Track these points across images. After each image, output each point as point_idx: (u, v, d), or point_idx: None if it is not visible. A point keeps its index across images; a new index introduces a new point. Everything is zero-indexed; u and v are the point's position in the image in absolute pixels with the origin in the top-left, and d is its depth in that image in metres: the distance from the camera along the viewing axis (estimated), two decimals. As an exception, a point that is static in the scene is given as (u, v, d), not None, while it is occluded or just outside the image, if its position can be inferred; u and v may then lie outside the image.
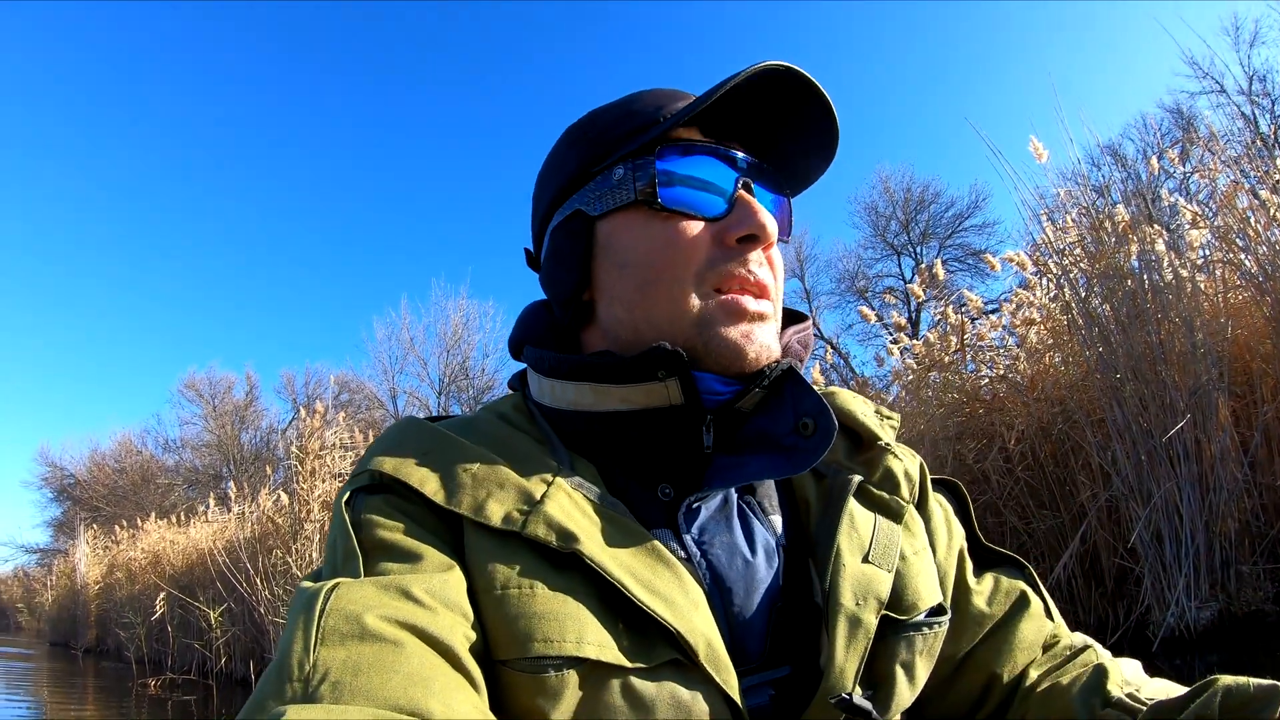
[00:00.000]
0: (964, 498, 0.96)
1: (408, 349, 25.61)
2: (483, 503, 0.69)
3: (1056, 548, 4.30)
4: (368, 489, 0.73)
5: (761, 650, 0.73)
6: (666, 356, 0.73)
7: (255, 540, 8.88)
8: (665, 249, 0.78)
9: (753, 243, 0.78)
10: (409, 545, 0.67)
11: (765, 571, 0.75)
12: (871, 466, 0.84)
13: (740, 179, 0.80)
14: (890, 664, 0.75)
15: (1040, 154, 4.64)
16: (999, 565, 0.92)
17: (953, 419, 5.10)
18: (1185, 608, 3.56)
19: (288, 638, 0.58)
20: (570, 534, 0.67)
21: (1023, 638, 0.85)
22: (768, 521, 0.79)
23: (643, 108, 0.82)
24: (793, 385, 0.79)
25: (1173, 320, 3.91)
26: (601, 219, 0.82)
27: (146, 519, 15.38)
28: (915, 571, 0.79)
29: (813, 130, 0.82)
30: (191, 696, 9.01)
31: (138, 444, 33.25)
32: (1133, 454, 3.84)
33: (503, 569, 0.66)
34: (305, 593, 0.62)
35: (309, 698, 0.53)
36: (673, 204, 0.77)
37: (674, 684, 0.65)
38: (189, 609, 10.08)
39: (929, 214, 27.22)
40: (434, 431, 0.77)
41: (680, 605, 0.66)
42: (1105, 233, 4.30)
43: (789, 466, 0.74)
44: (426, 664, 0.58)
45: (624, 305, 0.80)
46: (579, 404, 0.79)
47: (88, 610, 17.72)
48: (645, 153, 0.79)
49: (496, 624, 0.64)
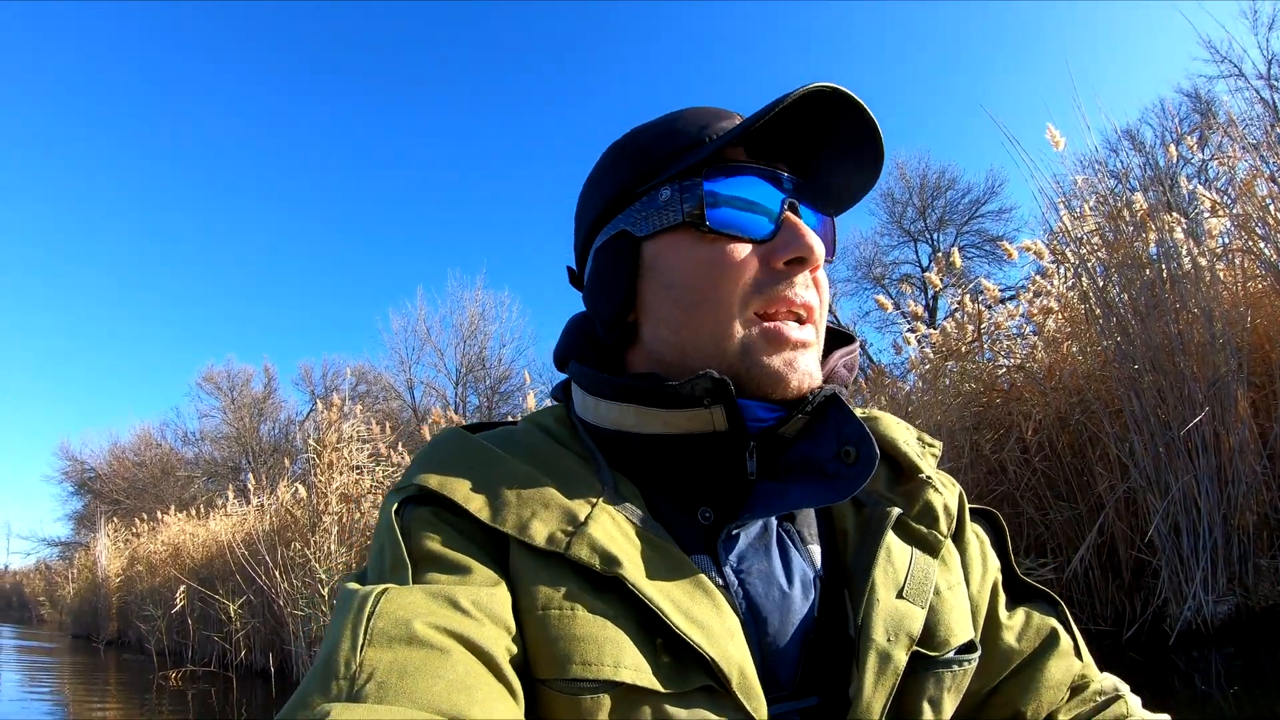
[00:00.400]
0: (1002, 529, 0.95)
1: (424, 340, 25.69)
2: (527, 522, 0.69)
3: (1074, 539, 4.28)
4: (416, 499, 0.73)
5: (792, 679, 0.73)
6: (713, 384, 0.73)
7: (274, 533, 8.93)
8: (712, 271, 0.77)
9: (800, 265, 0.78)
10: (456, 558, 0.68)
11: (801, 603, 0.75)
12: (911, 499, 0.83)
13: (786, 200, 0.80)
14: (918, 700, 0.74)
15: (1057, 142, 4.60)
16: (1032, 600, 0.91)
17: (970, 409, 5.07)
18: (1202, 601, 3.54)
19: (335, 637, 0.59)
20: (613, 558, 0.67)
21: (1050, 676, 0.84)
22: (806, 551, 0.79)
23: (686, 127, 0.82)
24: (836, 411, 0.78)
25: (1191, 310, 3.88)
26: (648, 240, 0.81)
27: (166, 511, 15.49)
28: (949, 607, 0.78)
29: (858, 151, 0.81)
30: (212, 688, 9.09)
31: (157, 437, 33.51)
32: (1150, 446, 3.82)
33: (545, 589, 0.66)
34: (353, 594, 0.62)
35: (354, 696, 0.54)
36: (720, 226, 0.77)
37: (705, 710, 0.65)
38: (209, 601, 10.15)
39: (945, 200, 27.05)
40: (478, 446, 0.78)
41: (716, 633, 0.66)
42: (1123, 221, 4.26)
43: (831, 494, 0.74)
44: (470, 672, 0.58)
45: (669, 327, 0.80)
46: (622, 424, 0.79)
47: (109, 603, 17.85)
48: (693, 174, 0.78)
49: (537, 643, 0.64)
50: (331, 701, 0.54)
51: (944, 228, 26.98)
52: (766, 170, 0.79)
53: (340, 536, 7.86)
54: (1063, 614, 0.90)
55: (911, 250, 27.69)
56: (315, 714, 0.52)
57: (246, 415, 31.58)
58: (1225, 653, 3.42)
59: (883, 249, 27.88)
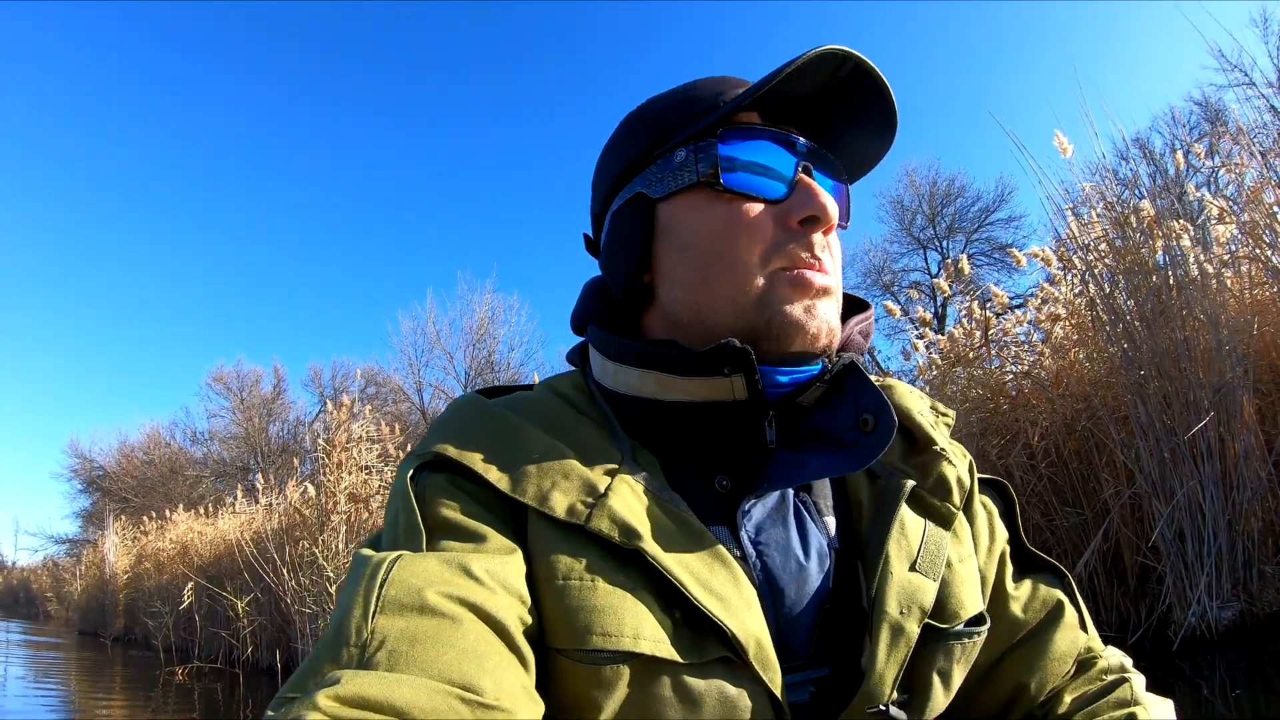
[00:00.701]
0: (1011, 499, 0.96)
1: (434, 342, 25.60)
2: (547, 493, 0.69)
3: (1079, 545, 4.27)
4: (432, 465, 0.73)
5: (806, 650, 0.74)
6: (734, 353, 0.73)
7: (282, 531, 8.93)
8: (728, 231, 0.78)
9: (815, 224, 0.78)
10: (472, 526, 0.68)
11: (816, 574, 0.75)
12: (925, 471, 0.83)
13: (800, 163, 0.80)
14: (928, 671, 0.75)
15: (1065, 148, 4.60)
16: (1039, 571, 0.92)
17: (976, 415, 5.07)
18: (1207, 607, 3.54)
19: (347, 603, 0.59)
20: (633, 530, 0.67)
21: (1055, 649, 0.85)
22: (822, 523, 0.79)
23: (701, 94, 0.83)
24: (854, 380, 0.79)
25: (1197, 316, 3.88)
26: (663, 201, 0.82)
27: (175, 510, 15.51)
28: (960, 579, 0.79)
29: (870, 116, 0.82)
30: (218, 685, 9.11)
31: (166, 436, 33.50)
32: (1156, 451, 3.82)
33: (565, 560, 0.66)
34: (367, 561, 0.63)
35: (365, 664, 0.55)
36: (736, 186, 0.77)
37: (722, 680, 0.66)
38: (216, 599, 10.16)
39: (955, 208, 26.99)
40: (497, 414, 0.78)
41: (734, 605, 0.67)
42: (1130, 227, 4.27)
43: (849, 463, 0.75)
44: (482, 640, 0.59)
45: (685, 287, 0.80)
46: (641, 391, 0.79)
47: (116, 600, 17.86)
48: (708, 135, 0.79)
49: (555, 613, 0.65)
50: (342, 668, 0.54)
51: (953, 235, 26.92)
52: (780, 134, 0.80)
53: (348, 536, 7.88)
54: (1069, 586, 0.91)
55: (921, 258, 27.65)
56: (326, 680, 0.52)
57: (255, 416, 31.55)
58: (1229, 659, 3.42)
59: (892, 256, 27.85)
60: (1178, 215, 4.26)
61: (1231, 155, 4.86)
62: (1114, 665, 0.86)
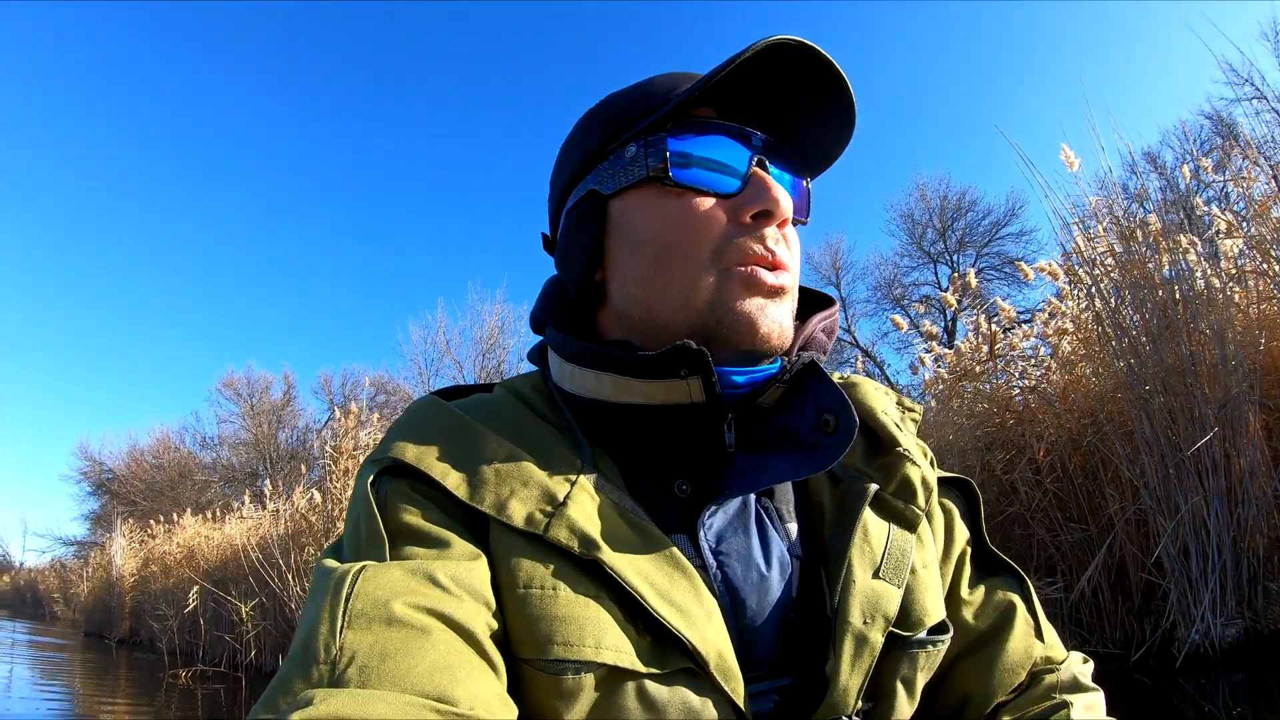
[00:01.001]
0: (975, 498, 0.93)
1: (443, 352, 25.50)
2: (505, 501, 0.68)
3: (1084, 561, 4.25)
4: (392, 471, 0.72)
5: (770, 659, 0.73)
6: (690, 355, 0.72)
7: (288, 537, 8.94)
8: (678, 226, 0.76)
9: (767, 219, 0.77)
10: (435, 532, 0.67)
11: (778, 584, 0.74)
12: (889, 473, 0.81)
13: (754, 157, 0.78)
14: (892, 680, 0.74)
15: (1072, 162, 4.59)
16: (998, 574, 0.90)
17: (982, 429, 5.05)
18: (1211, 624, 3.51)
19: (313, 618, 0.58)
20: (592, 541, 0.66)
21: (1007, 658, 0.83)
22: (784, 529, 0.78)
23: (657, 89, 0.81)
24: (814, 380, 0.78)
25: (1203, 331, 3.86)
26: (614, 197, 0.81)
27: (182, 514, 15.52)
28: (924, 586, 0.78)
29: (828, 108, 0.80)
30: (221, 687, 9.11)
31: (175, 441, 33.54)
32: (1160, 467, 3.79)
33: (526, 568, 0.66)
34: (330, 573, 0.62)
35: (336, 681, 0.54)
36: (685, 180, 0.76)
37: (686, 690, 0.65)
38: (221, 603, 10.16)
39: (965, 222, 26.91)
40: (456, 417, 0.76)
41: (695, 616, 0.66)
42: (1136, 242, 4.25)
43: (811, 465, 0.73)
44: (452, 651, 0.58)
45: (636, 283, 0.79)
46: (598, 393, 0.77)
47: (122, 602, 17.86)
48: (658, 129, 0.77)
49: (518, 622, 0.64)
50: (314, 687, 0.54)
51: (964, 249, 26.84)
52: (734, 128, 0.79)
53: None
54: (1026, 591, 0.89)
55: (931, 272, 27.57)
56: (298, 701, 0.52)
57: (265, 422, 31.58)
58: (1233, 677, 3.38)
59: (903, 270, 27.79)
60: (1185, 229, 4.24)
61: (1241, 169, 4.84)
62: (1065, 681, 0.83)
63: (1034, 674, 0.84)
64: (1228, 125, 11.81)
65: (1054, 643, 0.87)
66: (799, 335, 0.82)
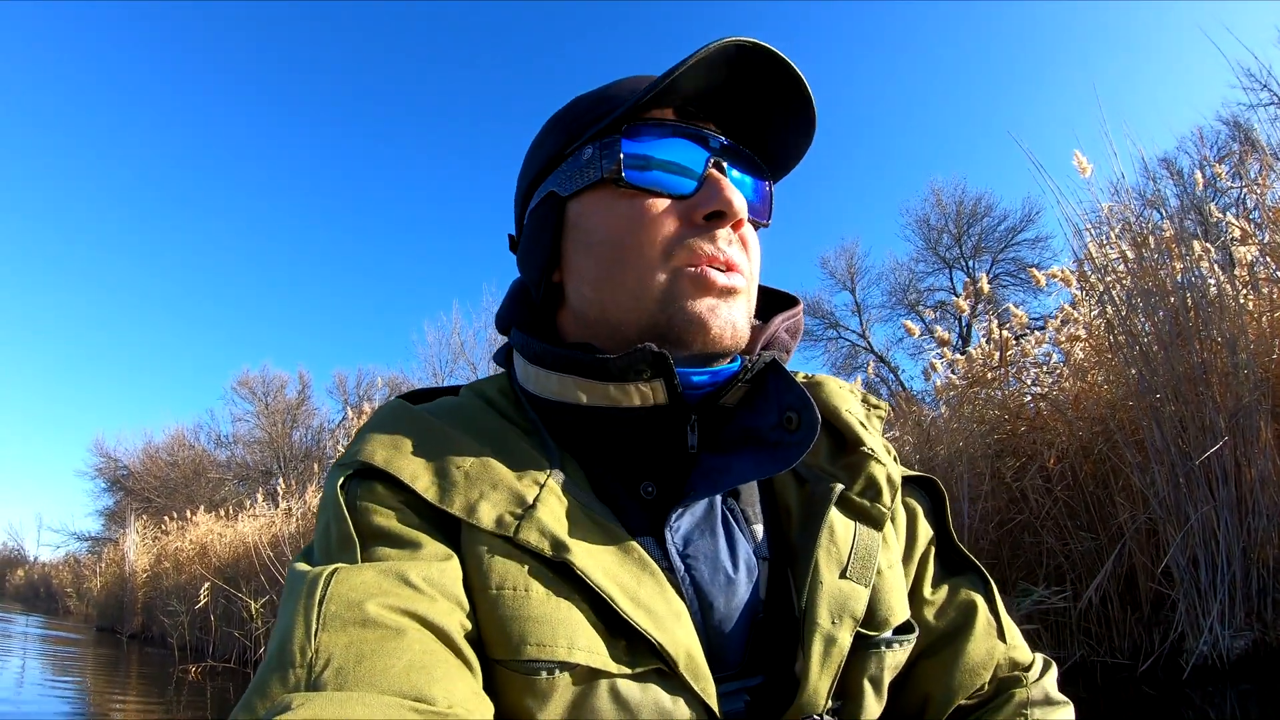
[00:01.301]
0: (940, 497, 0.93)
1: (458, 353, 25.61)
2: (475, 503, 0.69)
3: (1093, 570, 4.20)
4: (361, 474, 0.72)
5: (740, 660, 0.74)
6: (651, 357, 0.73)
7: (300, 535, 9.00)
8: (630, 227, 0.77)
9: (721, 219, 0.77)
10: (406, 533, 0.68)
11: (745, 586, 0.75)
12: (854, 472, 0.82)
13: (711, 158, 0.79)
14: (860, 679, 0.75)
15: (1084, 168, 4.56)
16: (963, 573, 0.90)
17: (993, 435, 5.02)
18: (1219, 635, 3.47)
19: (287, 623, 0.59)
20: (562, 543, 0.67)
21: (967, 659, 0.83)
22: (750, 531, 0.79)
23: (618, 91, 0.82)
24: (776, 378, 0.78)
25: (1215, 339, 3.82)
26: (571, 199, 0.82)
27: (196, 512, 15.62)
28: (889, 586, 0.79)
29: (789, 109, 0.81)
30: (230, 684, 9.16)
31: (190, 438, 33.73)
32: (1170, 476, 3.76)
33: (498, 570, 0.66)
34: (303, 576, 0.62)
35: (313, 685, 0.54)
36: (639, 182, 0.77)
37: (658, 689, 0.66)
38: (232, 599, 10.23)
39: (981, 227, 26.83)
40: (424, 420, 0.77)
41: (663, 617, 0.67)
42: (1148, 248, 4.22)
43: (774, 464, 0.74)
44: (427, 650, 0.59)
45: (591, 284, 0.80)
46: (562, 395, 0.78)
47: (134, 597, 18.01)
48: (613, 131, 0.78)
49: (490, 623, 0.65)
50: (291, 691, 0.54)
51: (979, 255, 26.75)
52: (691, 130, 0.79)
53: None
54: (989, 591, 0.88)
55: (947, 277, 27.50)
56: (277, 705, 0.52)
57: (279, 421, 31.73)
58: (1241, 688, 3.35)
59: (918, 275, 27.77)
60: (1199, 236, 4.21)
61: (1257, 175, 4.80)
62: (1036, 699, 0.83)
63: (1002, 682, 0.84)
64: (1244, 131, 11.72)
65: (1017, 643, 0.87)
66: (761, 335, 0.83)
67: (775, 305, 0.91)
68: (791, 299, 0.92)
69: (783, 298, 0.92)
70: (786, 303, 0.91)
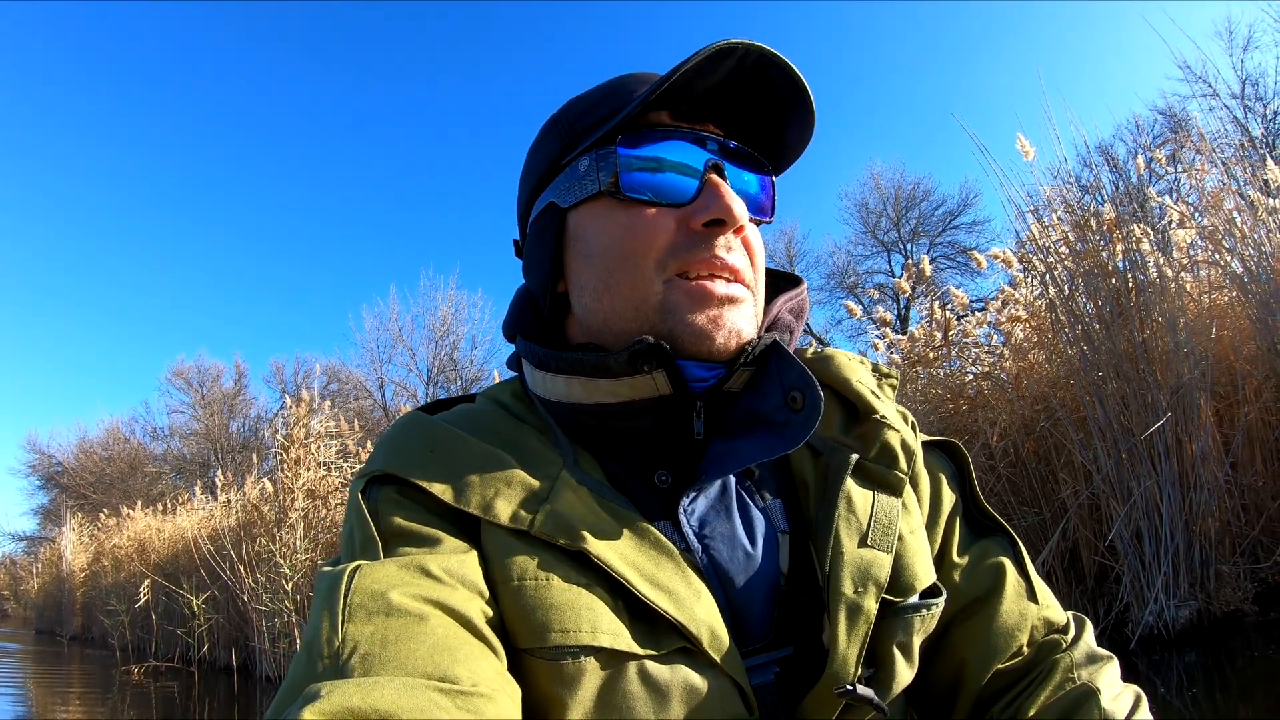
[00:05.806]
0: (963, 460, 0.92)
1: (396, 339, 25.43)
2: (491, 501, 0.70)
3: (1038, 545, 4.30)
4: (381, 480, 0.75)
5: (766, 632, 0.74)
6: (650, 351, 0.73)
7: (240, 529, 8.88)
8: (627, 238, 0.77)
9: (720, 227, 0.77)
10: (426, 531, 0.70)
11: (765, 561, 0.75)
12: (868, 441, 0.81)
13: (710, 161, 0.79)
14: (889, 645, 0.74)
15: (1027, 152, 4.64)
16: (989, 536, 0.89)
17: (936, 414, 5.11)
18: (1164, 606, 3.58)
19: (315, 620, 0.61)
20: (577, 532, 0.68)
21: (1000, 622, 0.81)
22: (766, 508, 0.79)
23: (614, 94, 0.82)
24: (778, 359, 0.79)
25: (1156, 319, 3.93)
26: (571, 210, 0.82)
27: (133, 507, 15.33)
28: (912, 551, 0.78)
29: (787, 105, 0.80)
30: (175, 683, 8.99)
31: (126, 432, 33.16)
32: (1113, 452, 3.86)
33: (518, 563, 0.67)
34: (327, 576, 0.64)
35: (340, 672, 0.56)
36: (635, 192, 0.77)
37: (685, 668, 0.67)
38: (173, 597, 10.07)
39: (920, 211, 27.46)
40: (439, 428, 0.79)
41: (683, 597, 0.68)
42: (1090, 230, 4.31)
43: (781, 444, 0.74)
44: (450, 634, 0.60)
45: (592, 295, 0.80)
46: (570, 396, 0.79)
47: (73, 598, 17.69)
48: (609, 142, 0.78)
49: (514, 614, 0.66)
50: (319, 680, 0.55)
51: (917, 239, 27.32)
52: (689, 132, 0.79)
53: (306, 532, 7.82)
54: (1018, 552, 0.87)
55: (885, 260, 28.04)
56: (306, 695, 0.52)
57: (216, 412, 31.33)
58: (1186, 657, 3.45)
59: (856, 258, 28.32)
60: (1138, 220, 4.31)
61: (1194, 163, 4.93)
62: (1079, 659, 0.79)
63: (1041, 647, 0.81)
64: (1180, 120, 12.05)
65: (1049, 603, 0.85)
66: (765, 317, 0.84)
67: (779, 285, 0.91)
68: (795, 278, 0.92)
69: (786, 277, 0.93)
70: (790, 282, 0.92)
